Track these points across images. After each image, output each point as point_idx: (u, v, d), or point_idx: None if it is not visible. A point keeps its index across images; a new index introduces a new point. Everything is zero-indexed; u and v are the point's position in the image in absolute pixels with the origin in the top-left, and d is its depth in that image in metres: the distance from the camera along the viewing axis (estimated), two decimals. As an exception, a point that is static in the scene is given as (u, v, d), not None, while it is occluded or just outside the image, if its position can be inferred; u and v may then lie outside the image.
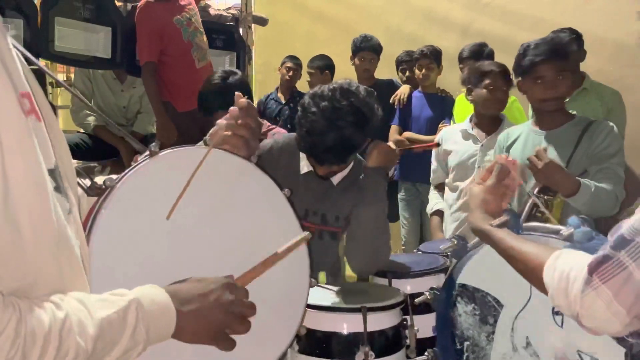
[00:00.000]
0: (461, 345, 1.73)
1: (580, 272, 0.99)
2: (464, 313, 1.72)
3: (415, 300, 1.83)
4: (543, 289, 1.09)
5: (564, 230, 1.40)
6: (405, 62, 4.52)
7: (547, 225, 1.51)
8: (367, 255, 2.08)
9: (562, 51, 2.33)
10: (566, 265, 1.05)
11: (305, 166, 2.16)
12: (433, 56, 4.11)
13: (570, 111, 2.51)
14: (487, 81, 2.89)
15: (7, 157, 0.71)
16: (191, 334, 0.90)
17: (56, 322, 0.74)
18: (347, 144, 1.94)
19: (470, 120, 3.11)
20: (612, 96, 3.39)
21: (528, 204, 1.94)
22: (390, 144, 2.22)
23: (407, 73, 4.50)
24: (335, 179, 2.17)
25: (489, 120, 2.99)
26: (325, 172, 2.12)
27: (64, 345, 0.74)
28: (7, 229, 0.71)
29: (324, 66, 4.71)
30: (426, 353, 1.81)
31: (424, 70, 4.13)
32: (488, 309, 1.66)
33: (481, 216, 1.35)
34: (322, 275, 1.85)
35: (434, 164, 3.32)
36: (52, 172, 0.80)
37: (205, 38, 3.90)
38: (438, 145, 3.40)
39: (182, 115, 3.69)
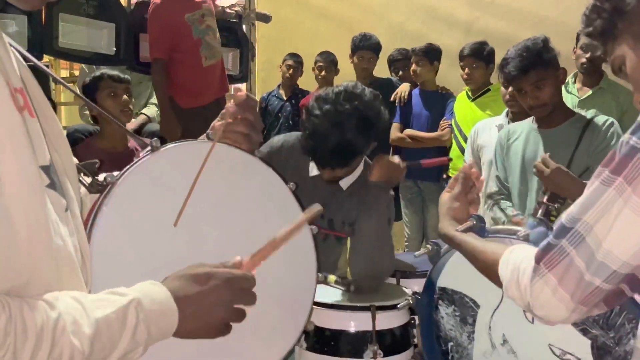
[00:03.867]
0: (446, 346, 1.76)
1: (530, 263, 1.04)
2: (446, 315, 1.75)
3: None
4: (500, 284, 1.13)
5: (521, 232, 1.46)
6: (398, 61, 4.53)
7: (508, 227, 1.57)
8: (369, 268, 2.01)
9: (534, 62, 2.28)
10: (518, 258, 1.09)
11: (314, 168, 2.11)
12: (424, 53, 4.09)
13: (582, 110, 2.48)
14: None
15: None
16: (190, 332, 0.88)
17: (49, 321, 0.71)
18: (349, 147, 1.90)
19: (507, 114, 3.06)
20: (627, 97, 3.24)
21: (539, 212, 1.95)
22: (394, 157, 2.13)
23: (400, 72, 4.50)
24: (344, 184, 2.13)
25: (526, 115, 2.79)
26: (330, 176, 2.05)
27: (58, 345, 0.71)
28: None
29: (336, 63, 4.70)
30: (411, 357, 1.84)
31: (414, 66, 4.13)
32: (467, 309, 1.69)
33: (448, 222, 1.41)
34: (331, 278, 1.83)
35: (468, 159, 3.23)
36: (47, 169, 0.78)
37: (218, 36, 3.87)
38: (450, 160, 3.33)
39: (185, 112, 3.69)
